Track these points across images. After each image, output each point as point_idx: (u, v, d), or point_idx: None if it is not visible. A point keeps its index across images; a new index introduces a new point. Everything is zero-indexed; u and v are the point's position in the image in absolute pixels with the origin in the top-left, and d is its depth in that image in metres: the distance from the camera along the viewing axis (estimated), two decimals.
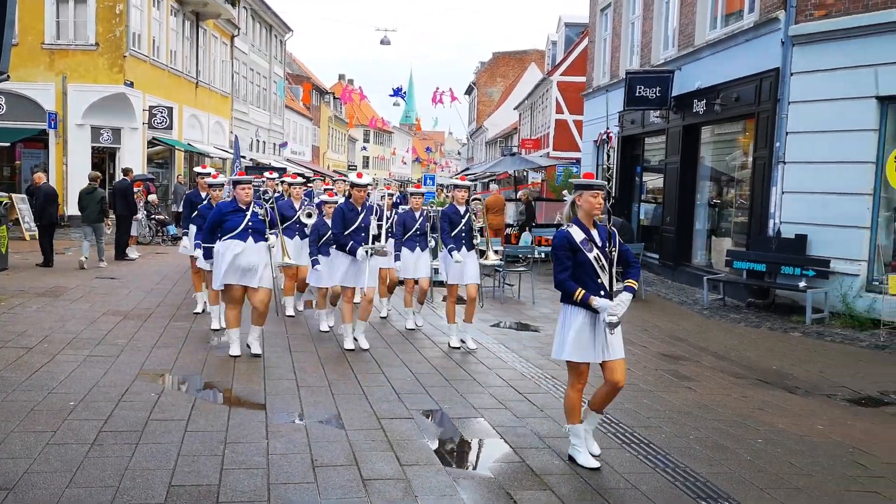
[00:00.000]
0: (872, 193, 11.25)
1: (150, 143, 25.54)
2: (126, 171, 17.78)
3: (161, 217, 21.04)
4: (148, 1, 24.91)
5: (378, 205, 8.82)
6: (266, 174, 15.01)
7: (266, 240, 7.83)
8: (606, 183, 6.78)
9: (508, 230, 19.97)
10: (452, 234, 8.76)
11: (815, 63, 11.87)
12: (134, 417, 5.83)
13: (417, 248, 9.85)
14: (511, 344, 9.26)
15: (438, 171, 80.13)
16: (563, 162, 31.30)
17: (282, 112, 45.39)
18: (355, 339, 8.61)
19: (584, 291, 5.02)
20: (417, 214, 9.90)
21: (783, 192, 12.46)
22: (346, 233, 8.21)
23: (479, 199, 9.47)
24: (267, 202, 8.89)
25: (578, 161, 27.34)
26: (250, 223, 7.73)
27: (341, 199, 9.16)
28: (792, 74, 12.24)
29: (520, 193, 25.39)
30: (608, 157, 21.27)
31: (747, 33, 13.50)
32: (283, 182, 12.65)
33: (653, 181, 19.46)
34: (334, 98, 63.22)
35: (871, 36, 11.02)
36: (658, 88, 16.23)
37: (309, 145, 54.81)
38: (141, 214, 19.00)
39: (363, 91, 40.63)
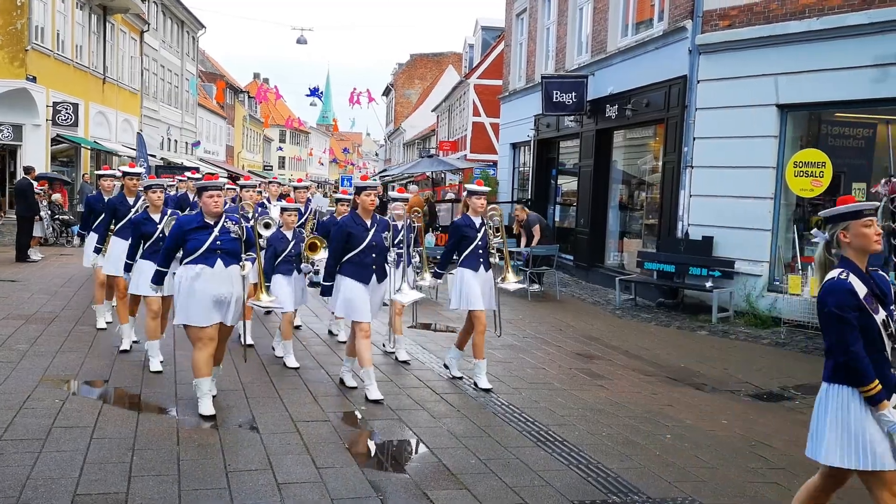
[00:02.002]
0: (773, 197, 11.75)
1: (55, 141, 24.54)
2: (28, 170, 17.05)
3: (65, 217, 20.26)
4: None
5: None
6: (188, 174, 14.31)
7: (240, 264, 6.16)
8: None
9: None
10: (467, 251, 7.24)
11: (720, 71, 12.33)
12: (36, 425, 5.60)
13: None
14: (428, 345, 9.28)
15: (356, 172, 79.70)
16: (480, 164, 31.56)
17: (194, 110, 44.31)
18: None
19: (880, 386, 3.54)
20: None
21: (691, 196, 12.89)
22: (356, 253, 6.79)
23: (497, 209, 7.72)
24: (245, 215, 7.22)
25: (495, 164, 27.62)
26: (219, 241, 6.08)
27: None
28: (698, 82, 12.67)
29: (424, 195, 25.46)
30: None
31: (657, 41, 13.91)
32: (241, 187, 10.48)
33: (567, 184, 19.83)
34: (249, 97, 62.07)
35: (772, 46, 11.52)
36: (574, 94, 16.55)
37: (223, 145, 53.69)
38: (44, 214, 18.25)
39: (279, 90, 40.10)
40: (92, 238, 8.99)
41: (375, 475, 5.05)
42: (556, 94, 16.70)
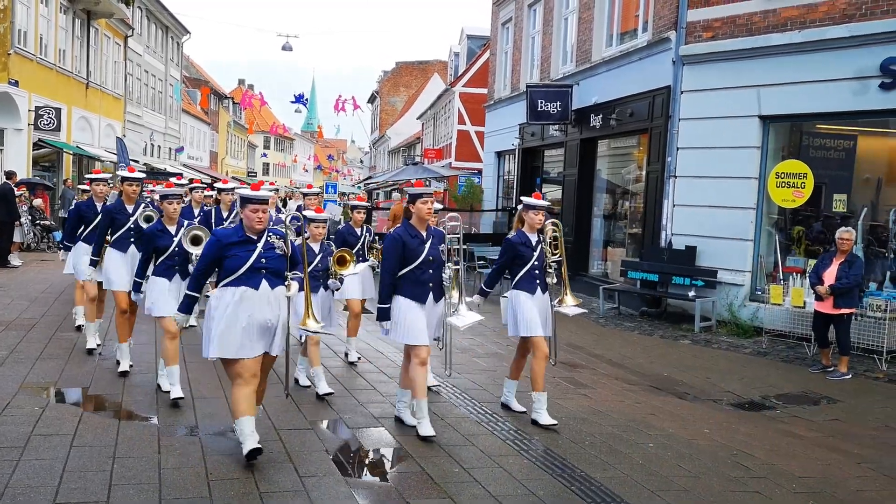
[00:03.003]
0: (756, 207, 11.84)
1: (37, 146, 24.34)
2: (9, 175, 16.91)
3: (46, 223, 20.08)
4: None
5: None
6: (174, 179, 13.95)
7: (285, 285, 5.44)
8: None
9: None
10: (522, 272, 6.56)
11: (704, 82, 12.42)
12: (15, 432, 5.54)
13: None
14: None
15: (340, 180, 79.66)
16: (464, 172, 31.61)
17: (178, 116, 44.12)
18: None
19: None
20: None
21: (674, 205, 12.96)
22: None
23: (557, 224, 7.04)
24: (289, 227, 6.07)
25: (480, 172, 27.69)
26: (263, 259, 5.29)
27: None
28: (682, 92, 12.76)
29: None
30: None
31: (641, 52, 14.00)
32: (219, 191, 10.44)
33: (552, 192, 19.88)
34: (234, 103, 61.92)
35: (755, 58, 11.63)
36: (558, 103, 16.62)
37: (207, 151, 53.48)
38: (25, 220, 18.09)
39: (264, 97, 40.00)
40: (82, 249, 8.41)
41: (358, 484, 5.03)
42: (541, 103, 16.77)
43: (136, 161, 31.84)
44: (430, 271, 6.08)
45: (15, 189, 16.71)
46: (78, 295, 9.29)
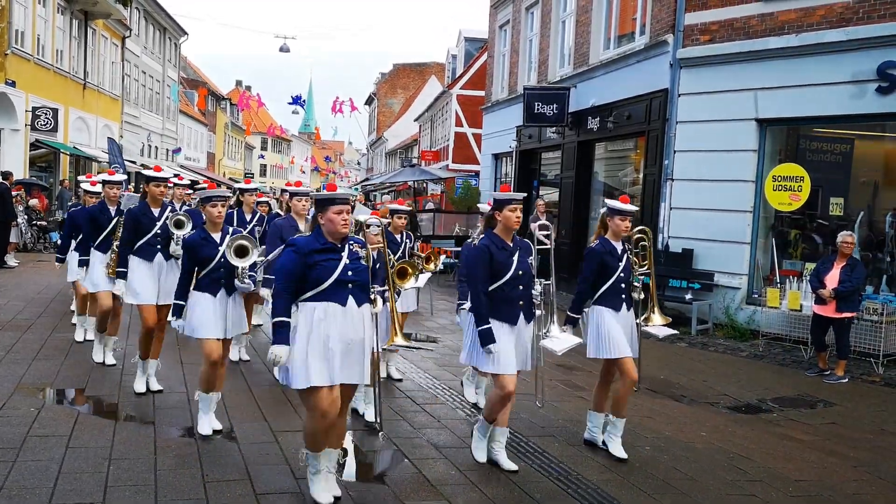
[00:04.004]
0: (752, 211, 11.85)
1: (33, 146, 24.31)
2: (6, 175, 16.87)
3: (43, 223, 20.04)
4: None
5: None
6: (174, 179, 12.85)
7: (371, 301, 4.89)
8: None
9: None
10: (606, 286, 5.91)
11: (701, 85, 12.44)
12: (11, 433, 5.53)
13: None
14: (408, 354, 9.26)
15: (338, 181, 79.57)
16: (462, 174, 31.63)
17: (176, 117, 44.08)
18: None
19: None
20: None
21: (671, 208, 12.97)
22: None
23: (646, 232, 6.58)
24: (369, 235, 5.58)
25: (477, 174, 27.70)
26: (350, 272, 4.63)
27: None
28: (679, 95, 12.78)
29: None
30: None
31: (638, 55, 14.02)
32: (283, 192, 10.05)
33: (549, 195, 19.90)
34: (231, 104, 61.90)
35: (752, 62, 11.64)
36: (555, 105, 16.63)
37: (204, 152, 53.44)
38: (21, 220, 18.05)
39: (261, 98, 39.99)
40: (98, 258, 7.65)
41: (355, 486, 5.02)
42: (538, 105, 16.78)
43: (133, 162, 31.80)
44: (521, 287, 5.37)
45: (11, 189, 16.67)
46: (91, 307, 8.65)
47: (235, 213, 8.85)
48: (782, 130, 12.14)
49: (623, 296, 5.94)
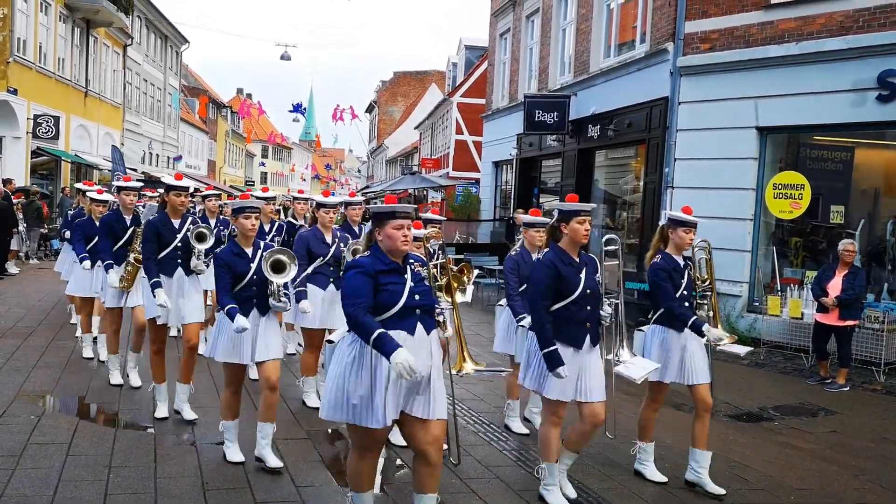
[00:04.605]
0: (753, 219, 11.85)
1: (35, 154, 24.35)
2: (6, 182, 16.90)
3: (43, 231, 20.05)
4: (35, 6, 23.85)
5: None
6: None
7: (437, 325, 4.39)
8: None
9: None
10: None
11: (702, 93, 12.46)
12: (11, 441, 5.52)
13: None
14: None
15: (338, 189, 79.65)
16: (462, 182, 31.67)
17: (177, 125, 44.16)
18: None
19: None
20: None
21: None
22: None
23: (706, 242, 6.27)
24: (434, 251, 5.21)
25: (478, 182, 27.72)
26: (417, 295, 4.13)
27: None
28: (680, 103, 12.79)
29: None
30: None
31: (639, 63, 14.05)
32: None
33: (549, 202, 19.90)
34: (232, 112, 62.01)
35: (752, 70, 11.66)
36: (556, 113, 16.66)
37: (205, 159, 53.50)
38: (22, 227, 18.05)
39: (262, 106, 40.04)
40: (116, 272, 7.08)
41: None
42: (539, 113, 16.80)
43: (134, 170, 31.82)
44: (588, 307, 4.88)
45: (13, 196, 16.69)
46: (84, 320, 8.45)
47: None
48: (783, 138, 12.15)
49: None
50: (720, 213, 12.09)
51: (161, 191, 7.46)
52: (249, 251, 5.34)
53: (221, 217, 9.06)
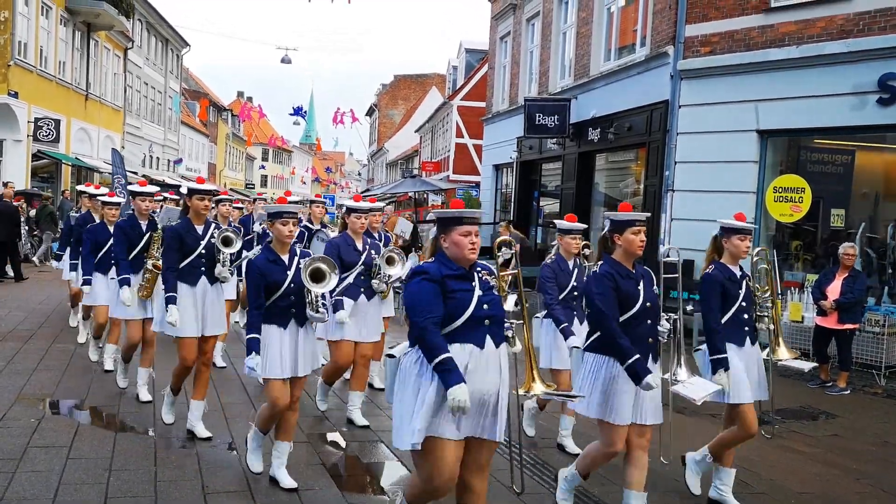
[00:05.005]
0: (753, 222, 11.84)
1: (35, 157, 24.37)
2: (5, 185, 16.91)
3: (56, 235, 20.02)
4: (36, 9, 23.88)
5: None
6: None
7: (507, 340, 4.04)
8: None
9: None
10: (726, 317, 5.14)
11: (702, 97, 12.46)
12: (11, 444, 5.52)
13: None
14: None
15: (338, 192, 79.72)
16: (462, 185, 31.69)
17: (177, 128, 44.19)
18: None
19: None
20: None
21: (672, 219, 12.97)
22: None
23: (765, 250, 5.85)
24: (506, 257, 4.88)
25: (478, 185, 27.74)
26: (485, 305, 3.82)
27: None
28: (680, 107, 12.80)
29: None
30: None
31: (639, 66, 14.05)
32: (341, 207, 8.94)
33: (550, 206, 19.91)
34: (232, 115, 62.06)
35: (753, 73, 11.66)
36: (556, 116, 16.67)
37: (205, 163, 53.52)
38: (22, 230, 18.04)
39: (262, 109, 40.10)
40: (130, 290, 6.67)
41: (356, 498, 5.00)
42: (539, 116, 16.81)
43: (135, 173, 31.82)
44: (649, 321, 4.53)
45: (13, 199, 16.70)
46: (115, 332, 7.79)
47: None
48: (783, 141, 12.15)
49: (746, 328, 5.18)
50: (721, 216, 11.97)
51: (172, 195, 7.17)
52: (286, 258, 5.01)
53: (232, 223, 8.61)
